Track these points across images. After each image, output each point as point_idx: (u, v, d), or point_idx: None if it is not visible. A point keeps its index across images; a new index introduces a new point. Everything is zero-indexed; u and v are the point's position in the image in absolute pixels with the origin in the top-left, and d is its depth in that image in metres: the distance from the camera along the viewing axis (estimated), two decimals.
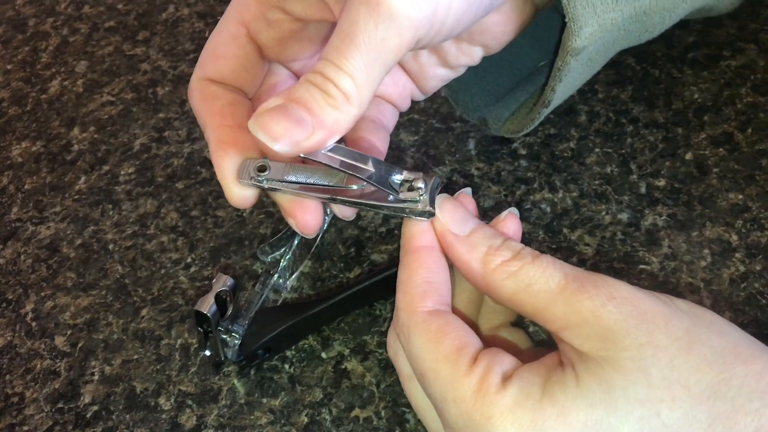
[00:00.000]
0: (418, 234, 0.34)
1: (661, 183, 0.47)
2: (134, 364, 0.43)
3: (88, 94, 0.57)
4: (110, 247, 0.48)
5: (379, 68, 0.31)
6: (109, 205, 0.50)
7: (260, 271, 0.45)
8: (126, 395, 0.41)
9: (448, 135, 0.50)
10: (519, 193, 0.48)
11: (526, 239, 0.45)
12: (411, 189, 0.33)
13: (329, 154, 0.32)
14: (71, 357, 0.43)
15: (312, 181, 0.34)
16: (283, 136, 0.30)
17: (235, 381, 0.41)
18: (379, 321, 0.43)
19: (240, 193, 0.35)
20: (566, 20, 0.35)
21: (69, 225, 0.49)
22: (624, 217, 0.46)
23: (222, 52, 0.37)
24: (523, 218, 0.46)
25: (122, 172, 0.52)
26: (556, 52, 0.38)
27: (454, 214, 0.33)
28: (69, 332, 0.44)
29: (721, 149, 0.49)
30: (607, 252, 0.44)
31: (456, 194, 0.35)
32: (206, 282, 0.46)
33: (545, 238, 0.45)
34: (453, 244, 0.33)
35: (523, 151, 0.50)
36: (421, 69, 0.41)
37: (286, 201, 0.35)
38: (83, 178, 0.52)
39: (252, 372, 0.42)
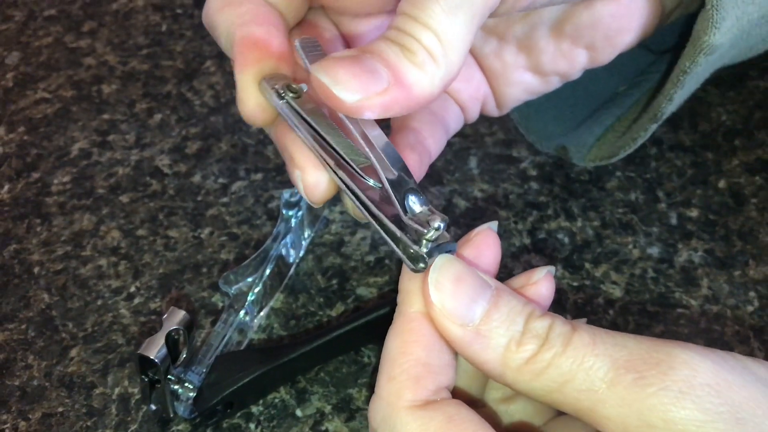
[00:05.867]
0: (417, 294, 0.26)
1: (694, 213, 0.41)
2: (58, 419, 0.34)
3: (18, 90, 0.49)
4: (35, 270, 0.40)
5: (463, 20, 0.26)
6: (36, 219, 0.42)
7: (222, 305, 0.38)
8: None
9: (445, 150, 0.43)
10: (531, 219, 0.41)
11: None
12: (421, 223, 0.25)
13: (366, 131, 0.26)
14: None
15: (332, 142, 0.27)
16: (349, 83, 0.25)
17: None
18: (367, 370, 0.36)
19: (256, 102, 0.28)
20: (708, 8, 0.30)
21: None
22: (654, 251, 0.39)
23: None
24: (537, 249, 0.39)
25: (55, 181, 0.44)
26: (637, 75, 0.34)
27: (457, 293, 0.25)
28: None
29: (757, 177, 0.43)
30: (638, 292, 0.38)
31: (474, 231, 0.27)
32: (153, 317, 0.38)
33: (564, 273, 0.38)
34: (459, 340, 0.25)
35: (533, 172, 0.43)
36: (504, 69, 0.34)
37: (297, 148, 0.28)
38: (7, 187, 0.44)
39: None
